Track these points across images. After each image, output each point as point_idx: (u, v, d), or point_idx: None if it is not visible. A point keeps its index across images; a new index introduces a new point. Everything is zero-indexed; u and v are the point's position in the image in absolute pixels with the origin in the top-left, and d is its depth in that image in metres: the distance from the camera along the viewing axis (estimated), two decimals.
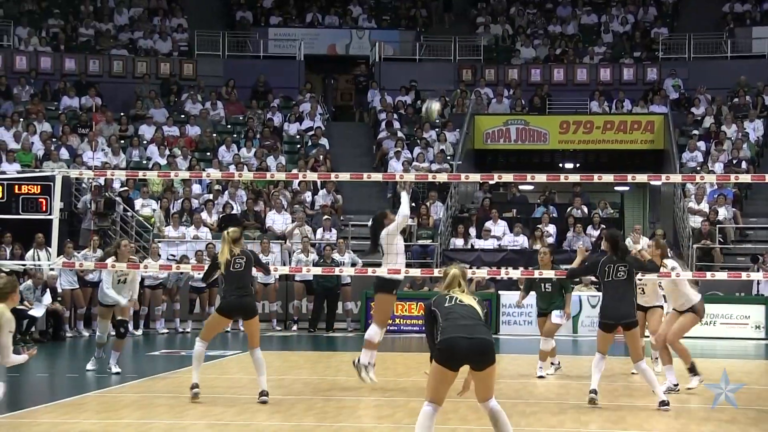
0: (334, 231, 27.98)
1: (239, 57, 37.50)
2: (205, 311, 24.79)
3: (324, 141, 32.99)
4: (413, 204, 29.72)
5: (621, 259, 12.67)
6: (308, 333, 25.11)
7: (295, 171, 28.56)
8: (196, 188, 30.14)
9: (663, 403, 12.30)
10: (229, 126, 34.45)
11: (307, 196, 30.10)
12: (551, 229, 28.78)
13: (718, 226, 27.94)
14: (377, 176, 18.91)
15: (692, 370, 14.23)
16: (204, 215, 28.18)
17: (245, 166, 29.92)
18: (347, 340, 23.49)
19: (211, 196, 29.31)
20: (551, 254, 16.19)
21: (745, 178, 23.19)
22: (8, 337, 9.91)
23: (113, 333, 16.69)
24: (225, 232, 13.01)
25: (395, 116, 34.41)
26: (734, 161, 30.50)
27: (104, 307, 16.41)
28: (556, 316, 15.64)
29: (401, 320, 25.01)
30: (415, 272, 18.44)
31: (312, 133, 33.32)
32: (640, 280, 13.79)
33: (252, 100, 35.52)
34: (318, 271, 21.44)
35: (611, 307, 12.56)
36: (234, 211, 28.70)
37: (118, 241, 16.96)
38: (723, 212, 28.58)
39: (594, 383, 12.63)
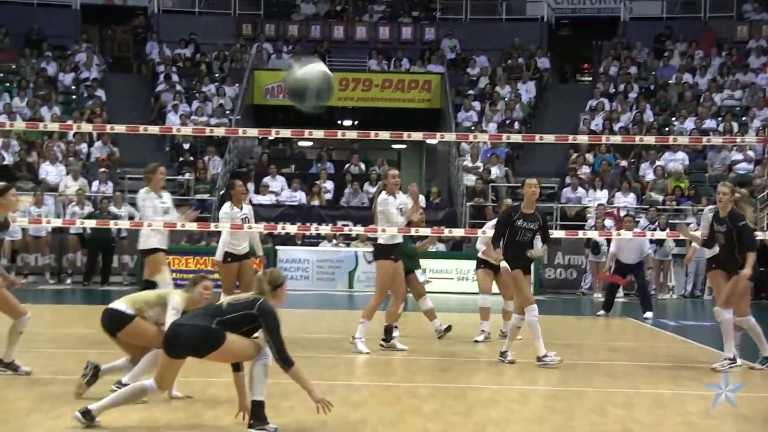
0: (110, 184, 27.48)
1: (11, 3, 36.17)
2: None
3: (100, 92, 32.29)
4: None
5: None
6: (82, 286, 24.64)
7: (70, 122, 27.87)
8: None
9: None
10: (0, 74, 33.31)
11: (83, 147, 29.47)
12: (329, 185, 29.06)
13: (490, 184, 28.71)
14: (154, 129, 18.59)
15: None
16: None
17: (18, 116, 29.07)
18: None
19: None
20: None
21: (517, 138, 23.92)
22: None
23: None
24: None
25: (174, 69, 33.95)
26: (507, 121, 31.32)
27: None
28: (420, 275, 15.17)
29: (178, 274, 24.78)
30: (192, 226, 18.31)
31: (88, 84, 32.57)
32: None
33: (25, 48, 34.41)
34: (93, 223, 21.02)
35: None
36: (6, 162, 27.86)
37: (154, 165, 14.97)
38: (495, 171, 29.35)
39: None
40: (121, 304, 9.95)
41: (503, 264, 13.19)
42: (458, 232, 17.99)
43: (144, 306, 9.90)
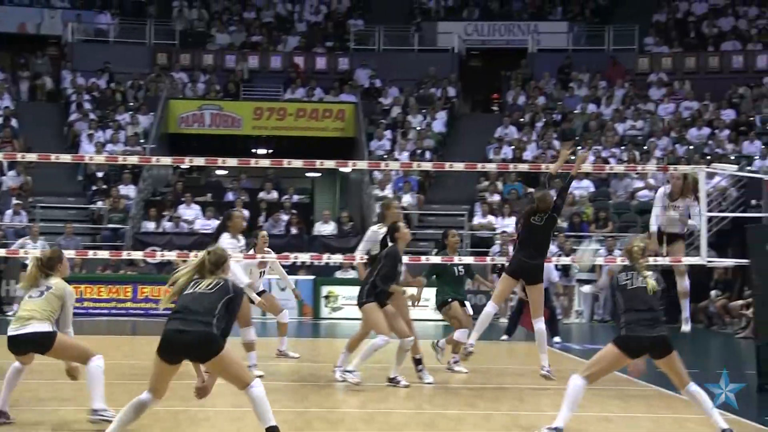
0: (24, 214, 27.40)
1: None
2: None
3: (14, 121, 32.22)
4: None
5: None
6: None
7: None
8: None
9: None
10: None
11: None
12: (245, 213, 29.28)
13: (402, 212, 29.12)
14: (66, 157, 18.63)
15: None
16: None
17: None
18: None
19: None
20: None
21: (427, 166, 24.47)
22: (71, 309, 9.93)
23: None
24: None
25: (88, 97, 34.01)
26: (419, 150, 31.85)
27: None
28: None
29: (92, 303, 24.85)
30: (104, 254, 18.55)
31: (0, 113, 32.47)
32: None
33: None
34: (2, 252, 20.94)
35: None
36: None
37: None
38: (407, 199, 29.86)
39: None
40: (37, 325, 9.77)
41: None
42: None
43: (51, 313, 9.85)
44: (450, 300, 14.88)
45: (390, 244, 13.13)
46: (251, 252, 14.98)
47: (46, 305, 9.78)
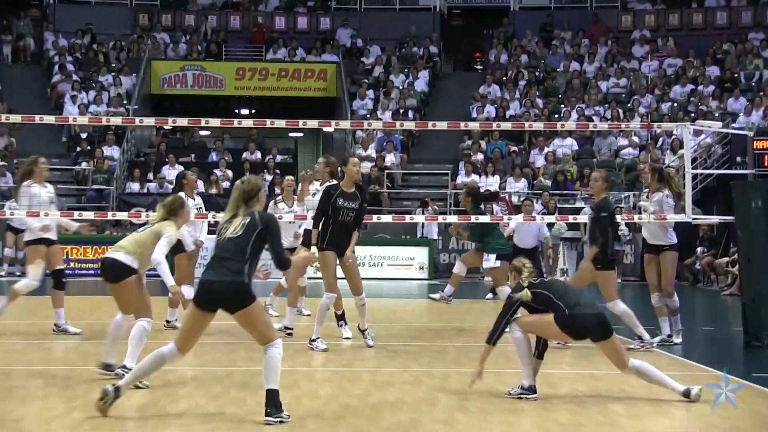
0: (9, 176, 27.34)
1: None
2: None
3: None
4: None
5: None
6: None
7: None
8: None
9: None
10: None
11: None
12: (229, 173, 29.30)
13: (386, 171, 29.19)
14: (50, 119, 18.59)
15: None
16: None
17: None
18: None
19: None
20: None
21: (410, 125, 24.45)
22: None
23: None
24: None
25: (70, 59, 33.84)
26: (401, 110, 31.81)
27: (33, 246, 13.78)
28: (485, 260, 14.88)
29: (77, 264, 24.81)
30: (89, 215, 18.52)
31: None
32: None
33: None
34: None
35: None
36: None
37: (35, 157, 13.92)
38: (390, 158, 29.84)
39: None
40: (123, 256, 10.00)
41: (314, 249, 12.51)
42: None
43: (143, 248, 10.03)
44: None
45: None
46: (280, 197, 16.08)
47: (139, 237, 10.13)
